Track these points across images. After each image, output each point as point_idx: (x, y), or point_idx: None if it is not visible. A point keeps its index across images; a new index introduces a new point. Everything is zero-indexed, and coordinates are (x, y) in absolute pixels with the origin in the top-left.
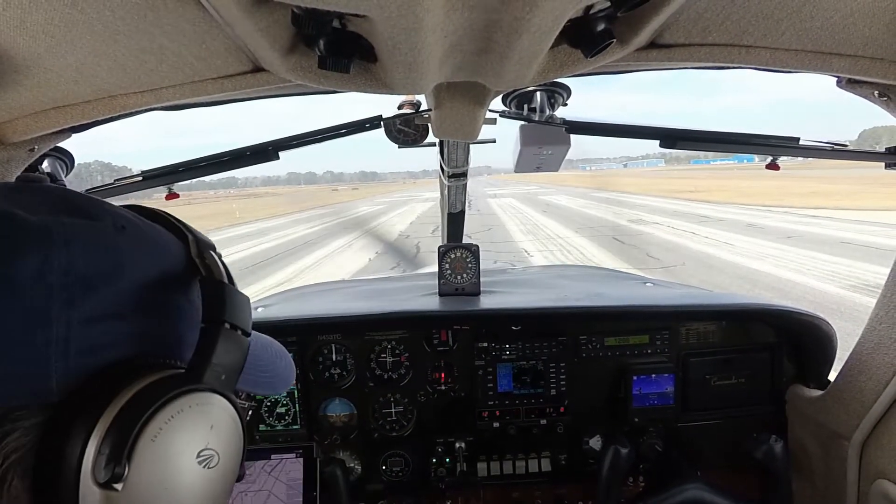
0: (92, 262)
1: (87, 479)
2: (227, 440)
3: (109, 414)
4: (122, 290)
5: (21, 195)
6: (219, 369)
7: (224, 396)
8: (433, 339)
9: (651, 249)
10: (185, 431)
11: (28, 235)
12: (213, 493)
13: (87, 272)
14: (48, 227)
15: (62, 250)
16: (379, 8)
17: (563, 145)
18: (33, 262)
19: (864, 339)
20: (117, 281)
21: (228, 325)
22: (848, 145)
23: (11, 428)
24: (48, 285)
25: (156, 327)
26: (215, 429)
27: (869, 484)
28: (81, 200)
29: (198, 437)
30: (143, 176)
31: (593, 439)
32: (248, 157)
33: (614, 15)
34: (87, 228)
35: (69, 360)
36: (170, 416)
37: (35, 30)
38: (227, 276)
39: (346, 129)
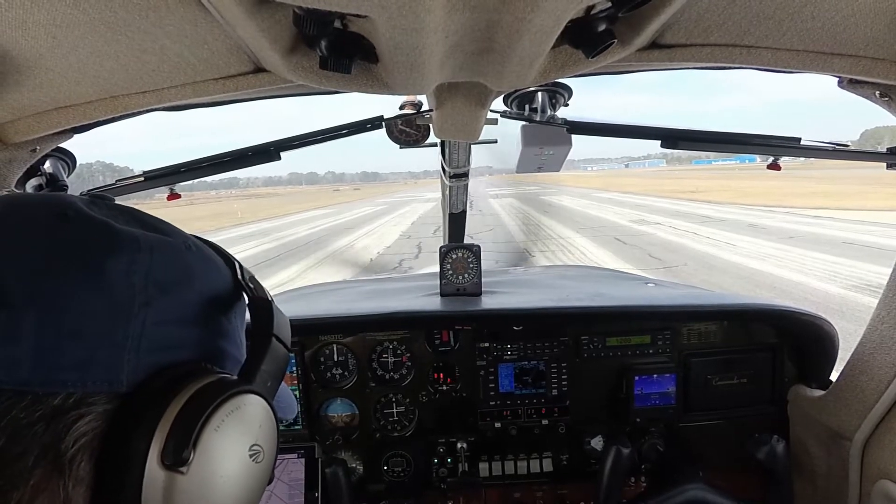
0: (168, 271)
1: (153, 462)
2: (270, 439)
3: (176, 405)
4: (189, 300)
5: (99, 207)
6: (265, 376)
7: (267, 401)
8: (435, 339)
9: (653, 250)
10: (241, 425)
11: (118, 239)
12: (257, 486)
13: (163, 278)
14: (136, 236)
15: (146, 256)
16: (380, 8)
17: (565, 145)
18: (123, 262)
19: (866, 338)
20: (186, 291)
21: (275, 339)
22: (849, 145)
23: (86, 412)
24: (132, 284)
25: (208, 338)
26: (262, 427)
27: (871, 484)
28: (152, 219)
29: (250, 433)
30: (145, 176)
31: (595, 439)
32: (249, 158)
33: (615, 15)
34: (164, 242)
35: (140, 355)
36: (230, 411)
37: (37, 30)
38: (269, 297)
39: (348, 130)
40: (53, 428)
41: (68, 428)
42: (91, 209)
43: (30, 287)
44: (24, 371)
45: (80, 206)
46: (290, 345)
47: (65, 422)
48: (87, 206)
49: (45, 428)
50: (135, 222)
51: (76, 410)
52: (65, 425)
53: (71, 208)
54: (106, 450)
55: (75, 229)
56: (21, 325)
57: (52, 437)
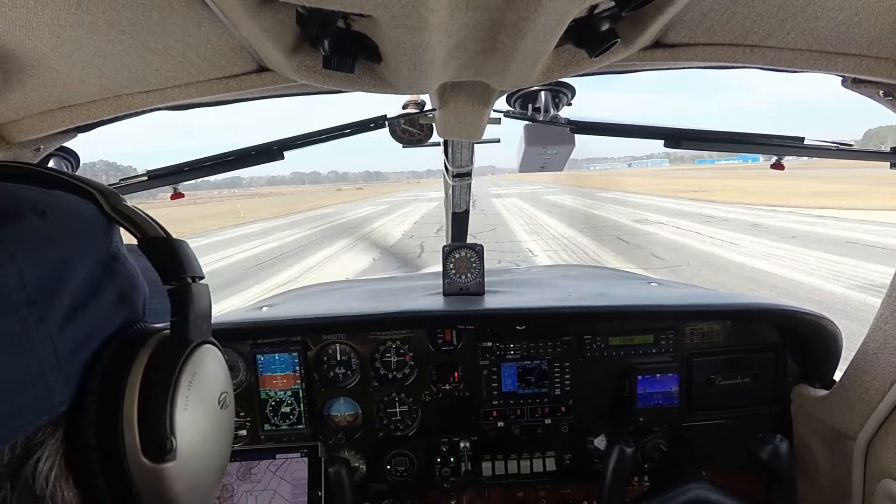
0: (40, 266)
1: (138, 462)
2: (226, 377)
3: (131, 397)
4: (75, 279)
5: None
6: (198, 321)
7: (211, 343)
8: (438, 338)
9: (655, 249)
10: (203, 388)
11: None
12: (230, 424)
13: (41, 279)
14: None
15: (10, 267)
16: (383, 7)
17: (568, 145)
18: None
19: (870, 338)
20: (68, 273)
21: (191, 279)
22: (853, 145)
23: (40, 454)
24: (14, 310)
25: (112, 298)
26: (219, 374)
27: (874, 484)
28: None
29: (213, 388)
30: (149, 176)
31: (598, 439)
32: (252, 157)
33: (619, 15)
34: (18, 231)
35: (62, 368)
36: (188, 382)
37: (41, 29)
38: (156, 225)
39: (351, 129)
40: (18, 482)
41: (32, 474)
42: None
43: None
44: None
45: None
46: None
47: (25, 471)
48: None
49: (11, 486)
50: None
51: (30, 458)
52: (27, 474)
53: None
54: (79, 469)
55: None
56: None
57: (22, 491)
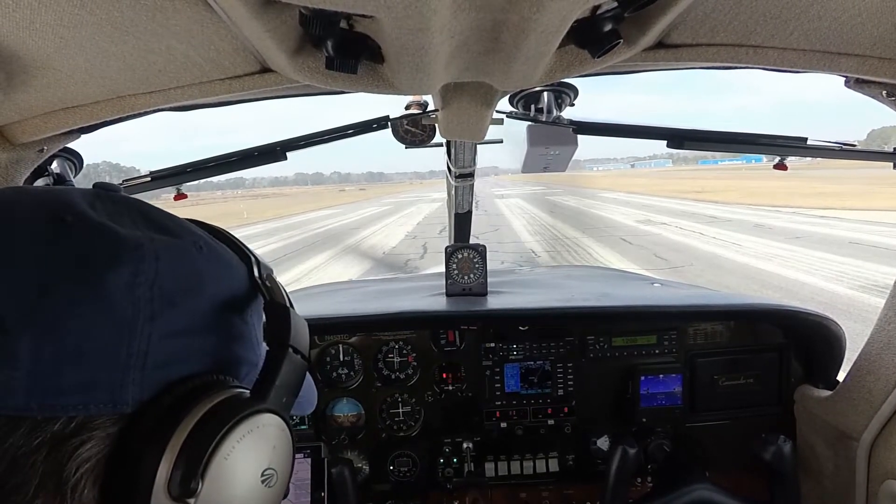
0: (176, 279)
1: (159, 492)
2: (284, 460)
3: (183, 430)
4: (198, 308)
5: (104, 204)
6: (281, 391)
7: (283, 419)
8: (440, 339)
9: (659, 250)
10: (253, 451)
11: (121, 248)
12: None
13: (171, 288)
14: (140, 242)
15: (152, 265)
16: (386, 8)
17: (571, 146)
18: (125, 274)
19: (873, 339)
20: (195, 299)
21: (292, 350)
22: (856, 145)
23: (88, 436)
24: (136, 298)
25: (220, 345)
26: (276, 449)
27: (878, 485)
28: (161, 216)
29: (263, 458)
30: (152, 176)
31: (601, 439)
32: (255, 158)
33: (621, 15)
34: (172, 245)
35: (145, 373)
36: (241, 436)
37: (44, 30)
38: (287, 299)
39: (354, 130)
40: (54, 455)
41: (70, 454)
42: (94, 209)
43: (24, 308)
44: (20, 397)
45: (82, 208)
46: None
47: (66, 448)
48: (89, 205)
49: (46, 456)
50: (142, 222)
51: (78, 436)
52: (66, 452)
53: (70, 211)
54: (110, 476)
55: (74, 237)
56: (16, 349)
57: (52, 465)
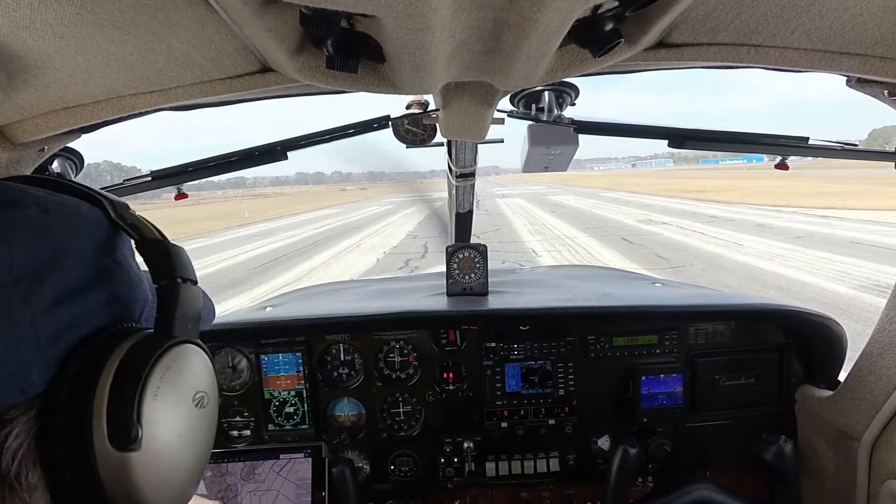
0: (34, 252)
1: (103, 447)
2: (209, 380)
3: (104, 385)
4: (69, 269)
5: None
6: (184, 321)
7: (195, 344)
8: (441, 338)
9: (660, 249)
10: (178, 382)
11: None
12: (209, 427)
13: (32, 263)
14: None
15: (2, 250)
16: (386, 8)
17: (572, 145)
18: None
19: (874, 339)
20: (60, 264)
21: (181, 280)
22: (858, 145)
23: (10, 429)
24: (2, 286)
25: (105, 296)
26: (199, 374)
27: (879, 485)
28: (4, 193)
29: (189, 385)
30: (153, 176)
31: (602, 439)
32: (256, 158)
33: (622, 14)
34: (16, 219)
35: (42, 351)
36: (161, 374)
37: (44, 30)
38: (157, 231)
39: (355, 129)
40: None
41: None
42: None
43: None
44: None
45: None
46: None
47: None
48: None
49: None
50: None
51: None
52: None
53: None
54: (47, 453)
55: None
56: None
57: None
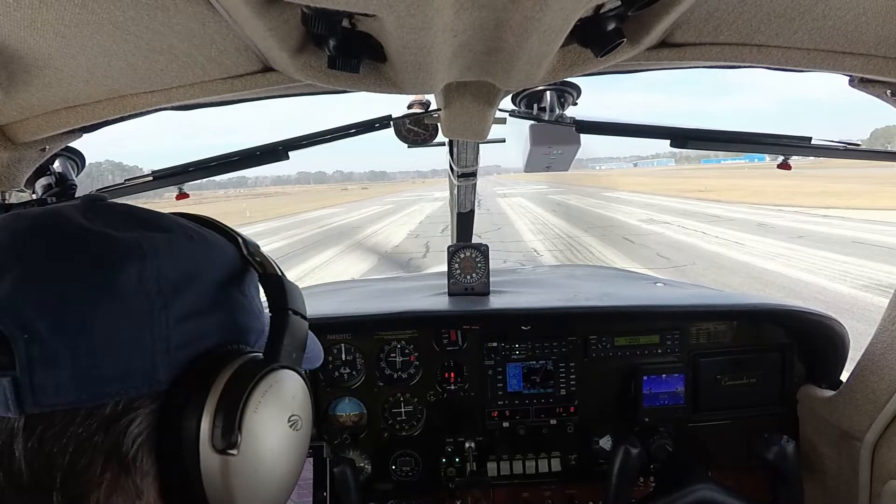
0: (177, 269)
1: (206, 448)
2: (305, 406)
3: (215, 394)
4: (203, 290)
5: (96, 213)
6: (290, 349)
7: (296, 371)
8: (443, 338)
9: (661, 249)
10: (277, 402)
11: (124, 251)
12: (300, 450)
13: (174, 278)
14: (138, 242)
15: (153, 261)
16: (388, 7)
17: (573, 145)
18: (132, 273)
19: (877, 339)
20: (198, 283)
21: (291, 312)
22: (860, 144)
23: (135, 415)
24: (147, 292)
25: (228, 319)
26: (296, 398)
27: (881, 485)
28: (149, 215)
29: (286, 406)
30: (154, 176)
31: (603, 439)
32: (258, 157)
33: (625, 14)
34: (167, 241)
35: (171, 354)
36: (264, 391)
37: (45, 30)
38: (278, 268)
39: (356, 129)
40: (111, 435)
41: (123, 432)
42: (90, 220)
43: (53, 317)
44: (71, 392)
45: (79, 222)
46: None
47: (119, 427)
48: (84, 217)
49: (104, 437)
50: (135, 224)
51: (126, 416)
52: (120, 430)
53: (69, 227)
54: (161, 443)
55: (81, 248)
56: (55, 353)
57: (111, 444)
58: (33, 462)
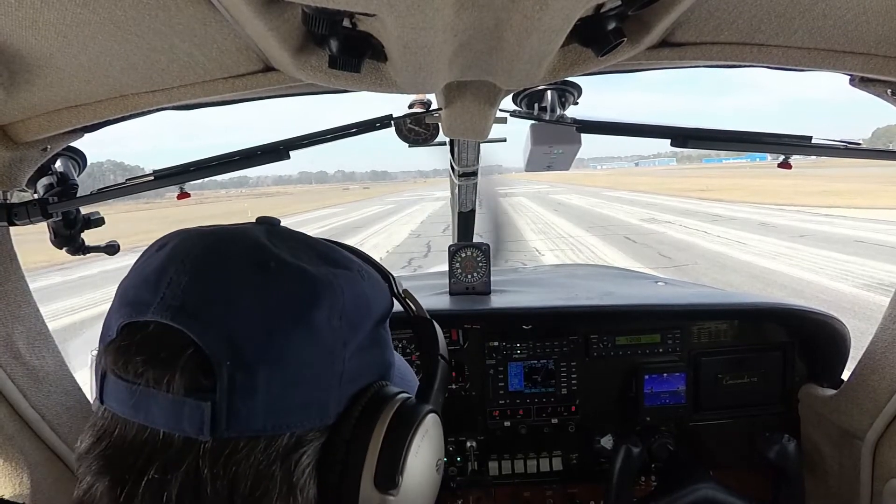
0: (355, 307)
1: (367, 485)
2: (443, 449)
3: (379, 433)
4: (368, 327)
5: (279, 241)
6: (439, 394)
7: (439, 415)
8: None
9: (663, 248)
10: (431, 446)
11: (318, 287)
12: (436, 491)
13: (352, 315)
14: (329, 280)
15: (340, 298)
16: (389, 7)
17: (574, 144)
18: (325, 309)
19: (878, 338)
20: (367, 320)
21: (442, 359)
22: (861, 144)
23: (306, 448)
24: (333, 328)
25: (380, 355)
26: (441, 442)
27: (882, 484)
28: (326, 249)
29: (437, 450)
30: (155, 175)
31: (605, 438)
32: (259, 157)
33: (625, 13)
34: (349, 278)
35: (342, 389)
36: (423, 435)
37: (47, 29)
38: (422, 308)
39: (357, 129)
40: (286, 466)
41: (296, 463)
42: (277, 247)
43: (257, 347)
44: (259, 421)
45: (275, 253)
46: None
47: (293, 459)
48: (277, 247)
49: (280, 467)
50: (316, 257)
51: (299, 447)
52: (293, 462)
53: (270, 258)
54: (324, 476)
55: (280, 281)
56: (255, 381)
57: (285, 474)
58: (217, 484)
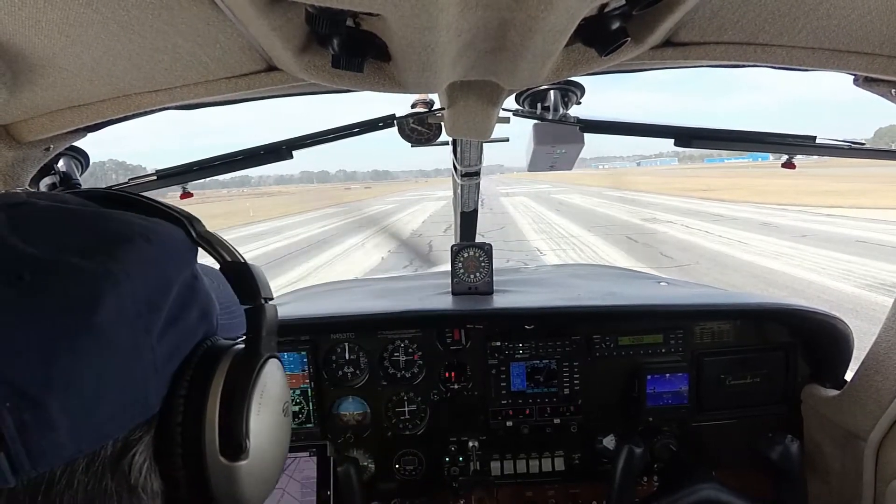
0: (148, 284)
1: (214, 458)
2: (287, 388)
3: (213, 403)
4: (171, 297)
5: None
6: (269, 338)
7: (276, 357)
8: (446, 337)
9: (665, 248)
10: (272, 396)
11: (96, 284)
12: (289, 429)
13: (147, 294)
14: (108, 270)
15: (127, 286)
16: (393, 7)
17: (577, 144)
18: (110, 306)
19: (881, 338)
20: (167, 292)
21: (264, 300)
22: (864, 143)
23: (136, 449)
24: (128, 321)
25: (198, 313)
26: (283, 384)
27: (885, 484)
28: (98, 220)
29: (279, 397)
30: (158, 175)
31: (607, 439)
32: (261, 157)
33: (629, 13)
34: (131, 254)
35: (158, 375)
36: (261, 391)
37: (50, 29)
38: (238, 254)
39: (360, 128)
40: (119, 474)
41: (129, 466)
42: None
43: (40, 378)
44: (69, 448)
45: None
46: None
47: (124, 464)
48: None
49: (111, 478)
50: (91, 239)
51: (128, 452)
52: (126, 466)
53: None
54: (166, 465)
55: (44, 293)
56: (49, 414)
57: (120, 480)
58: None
